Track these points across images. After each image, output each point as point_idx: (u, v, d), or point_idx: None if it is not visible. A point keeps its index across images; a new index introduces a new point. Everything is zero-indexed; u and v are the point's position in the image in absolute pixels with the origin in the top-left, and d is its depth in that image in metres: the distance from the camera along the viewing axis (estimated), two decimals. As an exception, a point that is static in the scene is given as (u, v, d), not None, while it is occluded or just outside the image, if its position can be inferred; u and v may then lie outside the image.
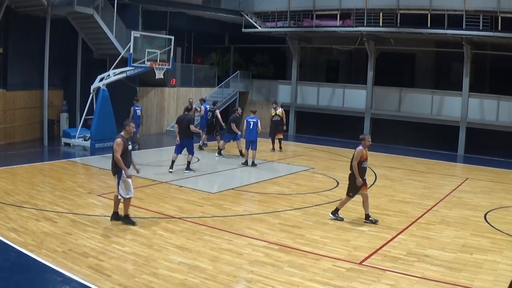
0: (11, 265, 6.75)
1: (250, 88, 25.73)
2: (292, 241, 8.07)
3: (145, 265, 6.81)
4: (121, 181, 8.54)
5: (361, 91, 22.32)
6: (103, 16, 18.21)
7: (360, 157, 9.05)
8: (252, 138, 14.66)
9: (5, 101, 17.33)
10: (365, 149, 9.18)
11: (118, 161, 8.39)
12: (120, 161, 8.38)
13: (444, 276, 6.77)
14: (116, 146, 8.42)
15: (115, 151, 8.39)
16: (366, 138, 9.27)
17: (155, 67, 16.34)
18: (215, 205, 10.25)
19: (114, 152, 8.41)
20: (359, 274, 6.78)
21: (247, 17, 23.59)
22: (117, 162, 8.40)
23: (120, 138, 8.53)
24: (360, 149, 9.12)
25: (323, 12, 22.21)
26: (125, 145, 8.53)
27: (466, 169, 16.96)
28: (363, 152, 9.10)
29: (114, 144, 8.44)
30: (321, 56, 27.05)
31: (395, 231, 8.77)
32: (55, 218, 8.79)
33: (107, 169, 13.47)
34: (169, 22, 21.34)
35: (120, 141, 8.45)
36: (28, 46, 18.00)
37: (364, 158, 9.11)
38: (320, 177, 13.70)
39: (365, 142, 9.18)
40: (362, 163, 9.11)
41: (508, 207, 10.93)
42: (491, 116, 19.19)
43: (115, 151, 8.39)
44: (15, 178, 11.98)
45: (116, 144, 8.43)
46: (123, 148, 8.46)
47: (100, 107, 16.72)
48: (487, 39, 18.80)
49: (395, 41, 21.73)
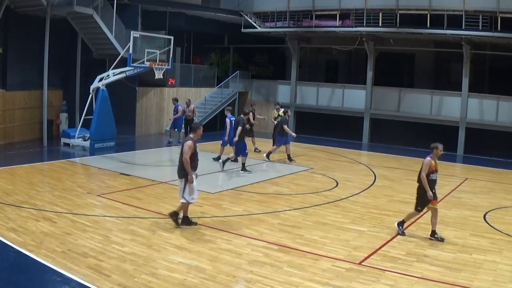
0: (10, 265, 6.75)
1: (250, 88, 25.73)
2: (292, 241, 8.07)
3: (144, 265, 6.81)
4: (187, 185, 8.38)
5: (361, 91, 22.32)
6: (102, 16, 18.21)
7: (428, 168, 8.30)
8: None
9: (5, 101, 17.33)
10: (434, 159, 8.38)
11: (187, 163, 8.21)
12: (188, 163, 8.22)
13: (444, 276, 6.77)
14: (187, 148, 8.24)
15: (185, 153, 8.21)
16: (438, 147, 8.40)
17: (154, 67, 16.34)
18: (214, 205, 10.26)
19: (184, 154, 8.21)
20: (358, 274, 6.79)
21: (246, 17, 23.58)
22: (185, 164, 8.22)
23: (191, 140, 8.37)
24: (428, 160, 8.34)
25: (322, 12, 22.20)
26: (195, 148, 8.38)
27: (466, 169, 16.97)
28: (431, 163, 8.34)
29: (185, 146, 8.25)
30: (320, 56, 27.04)
31: (394, 231, 8.77)
32: (54, 218, 8.79)
33: (107, 169, 13.58)
34: (168, 22, 21.34)
35: (191, 144, 8.30)
36: (27, 46, 18.01)
37: (433, 170, 8.36)
38: (320, 177, 13.70)
39: (437, 152, 8.42)
40: (431, 174, 8.35)
41: (508, 207, 10.94)
42: (491, 116, 19.20)
43: (185, 153, 8.21)
44: (15, 178, 11.97)
45: (187, 146, 8.25)
46: (193, 150, 8.33)
47: (100, 107, 16.73)
48: (487, 39, 18.80)
49: (394, 41, 21.74)
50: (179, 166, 8.39)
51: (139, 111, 21.04)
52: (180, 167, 8.38)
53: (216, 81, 25.07)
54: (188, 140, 8.36)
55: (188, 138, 8.47)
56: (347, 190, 12.12)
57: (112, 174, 12.99)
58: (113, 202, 10.13)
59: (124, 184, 11.88)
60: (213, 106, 23.37)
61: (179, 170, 8.40)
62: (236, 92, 24.77)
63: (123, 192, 11.00)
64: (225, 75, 26.12)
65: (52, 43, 17.16)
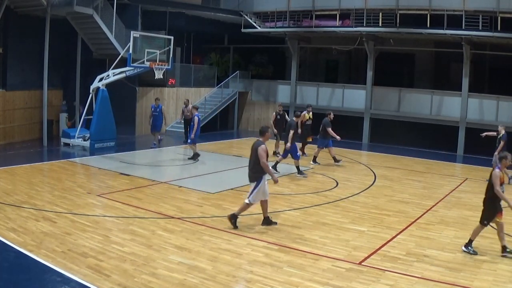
0: (10, 265, 6.75)
1: (250, 88, 25.73)
2: (292, 241, 8.07)
3: (144, 265, 6.81)
4: (259, 187, 8.56)
5: (361, 91, 22.32)
6: (102, 16, 18.21)
7: (498, 180, 7.71)
8: None
9: (5, 101, 17.33)
10: (502, 170, 7.88)
11: (266, 167, 8.48)
12: (268, 167, 8.50)
13: (444, 276, 6.77)
14: (262, 152, 8.47)
15: (262, 156, 8.42)
16: (508, 157, 7.90)
17: (154, 67, 16.33)
18: (214, 205, 10.26)
19: (262, 158, 8.41)
20: (358, 274, 6.79)
21: (246, 17, 23.58)
22: (265, 168, 8.47)
23: (264, 144, 8.63)
24: (497, 172, 7.74)
25: (322, 12, 22.20)
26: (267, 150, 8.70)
27: (466, 169, 16.97)
28: (501, 175, 7.79)
29: (260, 150, 8.47)
30: (320, 56, 27.04)
31: (394, 231, 8.77)
32: (54, 218, 8.79)
33: (107, 169, 13.58)
34: (168, 22, 21.35)
35: (265, 147, 8.59)
36: (27, 46, 18.01)
37: (502, 181, 7.85)
38: (320, 177, 13.70)
39: (506, 162, 7.94)
40: None
41: (507, 207, 10.91)
42: (491, 116, 19.19)
43: (262, 156, 8.42)
44: (15, 178, 11.98)
45: (262, 150, 8.48)
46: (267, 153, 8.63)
47: (100, 107, 16.74)
48: (487, 39, 18.80)
49: (394, 41, 21.74)
50: (253, 169, 8.59)
51: (139, 111, 21.03)
52: (255, 170, 8.57)
53: (216, 81, 25.07)
54: (261, 144, 8.59)
55: (260, 143, 8.64)
56: (347, 190, 12.13)
57: (112, 174, 12.99)
58: (113, 202, 10.13)
59: (124, 184, 11.88)
60: (213, 106, 23.38)
61: (253, 173, 8.61)
62: (236, 92, 24.77)
63: (123, 192, 11.00)
64: (225, 75, 26.12)
65: (52, 43, 17.16)
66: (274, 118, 16.75)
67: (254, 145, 8.66)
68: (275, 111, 17.10)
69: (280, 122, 16.41)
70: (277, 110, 17.01)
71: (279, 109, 17.06)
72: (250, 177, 8.67)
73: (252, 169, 8.62)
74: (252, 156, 8.61)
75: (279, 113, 16.76)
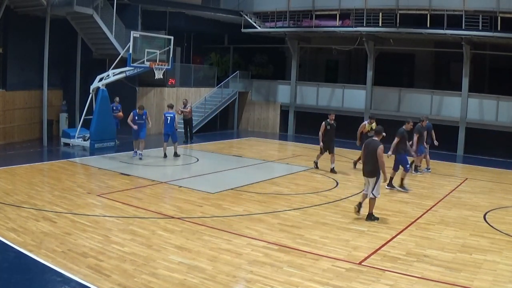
0: (10, 265, 6.74)
1: (250, 88, 25.74)
2: (292, 241, 8.07)
3: (144, 265, 6.81)
4: (379, 181, 9.20)
5: (361, 91, 22.32)
6: (102, 16, 18.21)
7: None
8: (170, 131, 15.44)
9: (5, 101, 17.33)
10: None
11: (384, 165, 9.08)
12: (385, 165, 9.12)
13: (444, 276, 6.77)
14: (381, 152, 9.06)
15: (381, 156, 9.03)
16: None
17: (154, 67, 16.35)
18: (214, 205, 10.25)
19: (380, 157, 9.01)
20: (358, 274, 6.78)
21: (246, 17, 23.59)
22: (382, 166, 9.06)
23: (381, 144, 9.16)
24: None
25: (322, 12, 22.21)
26: None
27: (466, 169, 16.96)
28: None
29: (379, 150, 9.05)
30: (320, 56, 27.04)
31: (394, 231, 8.77)
32: (54, 218, 8.79)
33: (107, 169, 13.58)
34: (168, 22, 21.35)
35: (383, 147, 9.14)
36: (27, 46, 18.01)
37: None
38: (320, 177, 13.70)
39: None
40: None
41: (508, 207, 10.94)
42: (491, 116, 19.20)
43: (381, 156, 9.03)
44: (15, 178, 11.98)
45: (381, 150, 9.07)
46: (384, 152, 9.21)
47: (100, 107, 16.74)
48: (487, 39, 18.80)
49: (394, 41, 21.74)
50: (373, 167, 9.16)
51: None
52: (372, 167, 9.18)
53: (216, 81, 25.07)
54: (379, 144, 9.16)
55: (377, 142, 9.22)
56: (347, 190, 12.13)
57: (112, 174, 12.99)
58: (113, 202, 10.13)
59: (124, 184, 11.88)
60: (213, 106, 23.38)
61: (371, 170, 9.19)
62: (236, 92, 24.78)
63: (123, 192, 11.00)
64: (225, 75, 26.13)
65: (52, 43, 17.16)
66: (324, 128, 14.14)
67: (370, 144, 9.30)
68: (325, 121, 14.30)
69: (330, 134, 14.23)
70: (328, 120, 14.31)
71: (330, 118, 14.35)
72: (369, 172, 9.26)
73: (371, 165, 9.21)
74: (369, 154, 9.22)
75: (329, 123, 14.22)
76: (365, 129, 14.44)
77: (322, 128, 14.12)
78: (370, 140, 9.46)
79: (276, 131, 24.67)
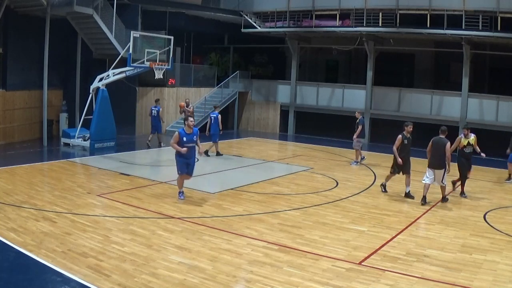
0: (10, 265, 6.74)
1: (250, 88, 25.74)
2: (292, 241, 8.07)
3: (144, 265, 6.81)
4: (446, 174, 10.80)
5: (361, 91, 22.33)
6: (102, 16, 18.21)
7: None
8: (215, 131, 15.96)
9: (5, 101, 17.33)
10: None
11: (449, 159, 10.71)
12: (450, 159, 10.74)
13: (444, 276, 6.77)
14: (449, 147, 10.73)
15: (448, 150, 10.66)
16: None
17: (154, 67, 16.34)
18: (214, 205, 10.25)
19: (447, 151, 10.64)
20: (358, 274, 6.78)
21: (246, 17, 23.59)
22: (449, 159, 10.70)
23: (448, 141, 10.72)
24: None
25: (322, 12, 22.21)
26: None
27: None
28: None
29: (448, 146, 10.68)
30: (320, 56, 27.06)
31: (394, 231, 8.77)
32: (54, 218, 8.79)
33: (107, 169, 13.58)
34: (168, 22, 21.34)
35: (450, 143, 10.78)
36: (27, 46, 18.01)
37: None
38: (320, 177, 13.70)
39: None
40: None
41: (508, 207, 10.94)
42: (491, 116, 19.20)
43: (448, 150, 10.66)
44: (15, 178, 11.98)
45: (449, 145, 10.74)
46: None
47: (100, 107, 16.74)
48: (487, 39, 18.81)
49: (394, 41, 21.74)
50: (439, 160, 10.66)
51: (139, 111, 21.04)
52: (440, 161, 10.65)
53: (216, 81, 25.08)
54: (447, 141, 10.72)
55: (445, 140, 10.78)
56: (347, 190, 12.13)
57: (112, 174, 12.99)
58: (113, 202, 10.13)
59: (124, 184, 11.88)
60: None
61: (441, 162, 10.64)
62: (236, 92, 24.78)
63: (123, 192, 11.00)
64: (225, 75, 26.13)
65: (52, 43, 17.16)
66: (400, 142, 11.43)
67: (439, 141, 10.77)
68: (401, 134, 11.53)
69: (407, 150, 11.60)
70: (404, 132, 11.53)
71: (407, 130, 11.55)
72: (439, 165, 10.65)
73: (440, 159, 10.63)
74: (439, 150, 10.64)
75: (406, 137, 11.50)
76: (461, 144, 12.35)
77: (398, 142, 11.41)
78: (437, 139, 10.85)
79: (276, 131, 24.67)
